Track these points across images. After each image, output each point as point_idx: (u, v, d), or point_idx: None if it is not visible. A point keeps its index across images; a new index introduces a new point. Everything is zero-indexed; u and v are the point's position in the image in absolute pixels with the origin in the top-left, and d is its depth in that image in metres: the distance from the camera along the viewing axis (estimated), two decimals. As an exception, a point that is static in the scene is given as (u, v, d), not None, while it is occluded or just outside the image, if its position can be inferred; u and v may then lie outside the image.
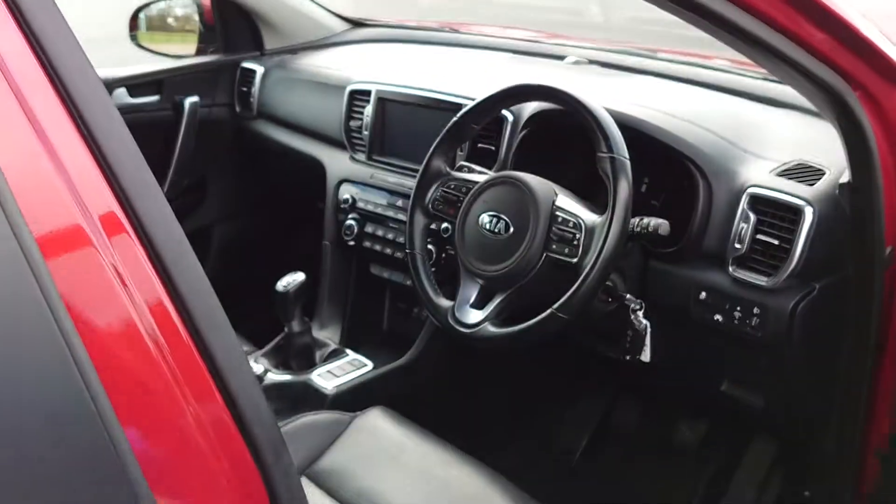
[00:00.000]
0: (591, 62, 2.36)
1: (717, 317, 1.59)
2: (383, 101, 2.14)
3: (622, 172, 1.46)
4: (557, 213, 1.53)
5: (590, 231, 1.48)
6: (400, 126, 2.13)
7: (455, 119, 1.71)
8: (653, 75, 2.19)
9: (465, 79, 2.15)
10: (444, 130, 1.72)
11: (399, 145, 2.14)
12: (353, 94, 2.21)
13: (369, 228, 2.14)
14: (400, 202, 2.09)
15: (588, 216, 1.50)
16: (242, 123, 2.55)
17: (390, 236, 2.10)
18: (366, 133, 2.17)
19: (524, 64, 2.38)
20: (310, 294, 2.05)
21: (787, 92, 1.82)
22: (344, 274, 2.25)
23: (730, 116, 1.78)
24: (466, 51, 2.54)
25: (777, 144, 1.68)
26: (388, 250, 2.11)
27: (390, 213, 2.10)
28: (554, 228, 1.52)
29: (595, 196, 1.62)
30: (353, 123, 2.21)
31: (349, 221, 2.17)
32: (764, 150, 1.65)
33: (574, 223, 1.50)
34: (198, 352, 0.70)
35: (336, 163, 2.27)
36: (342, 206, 2.19)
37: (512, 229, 1.55)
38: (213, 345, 0.70)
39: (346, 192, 2.20)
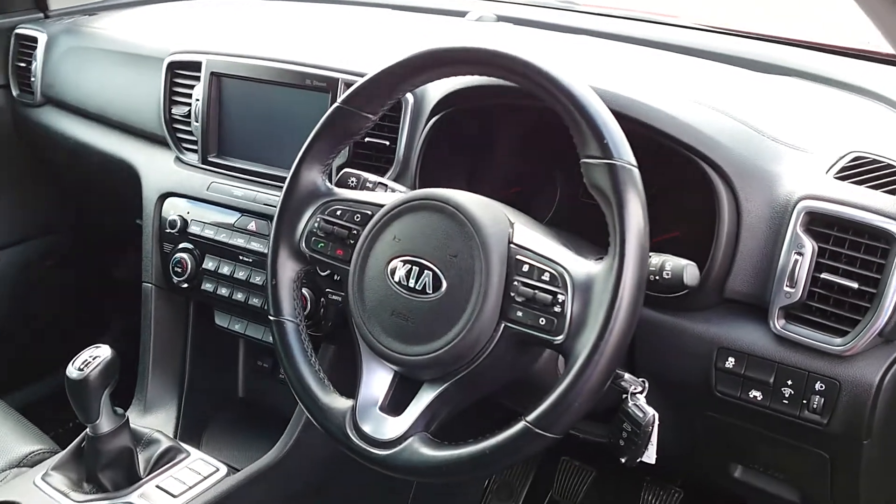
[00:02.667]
0: (502, 19, 1.78)
1: (754, 394, 1.05)
2: (219, 78, 1.47)
3: (630, 187, 0.88)
4: (520, 256, 0.94)
5: (583, 288, 0.89)
6: (247, 114, 1.47)
7: (338, 104, 1.08)
8: (600, 36, 1.63)
9: (340, 43, 1.51)
10: (321, 123, 1.09)
11: (247, 141, 1.48)
12: (175, 67, 1.53)
13: (210, 264, 1.48)
14: (253, 224, 1.44)
15: (575, 263, 0.92)
16: (22, 112, 1.91)
17: (241, 274, 1.45)
18: (196, 125, 1.50)
19: (412, 21, 1.75)
20: (126, 368, 1.37)
21: (807, 62, 1.31)
22: (176, 330, 1.58)
23: (741, 93, 1.23)
24: (332, 7, 1.89)
25: (820, 130, 1.15)
26: (240, 294, 1.46)
27: (239, 242, 1.45)
28: (516, 282, 0.93)
29: (576, 226, 1.05)
30: (176, 111, 1.54)
31: (180, 254, 1.50)
32: (805, 139, 1.11)
33: (552, 274, 0.91)
34: None
35: (156, 168, 1.59)
36: (168, 231, 1.52)
37: (444, 285, 0.95)
38: None
39: (173, 210, 1.53)
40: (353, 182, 1.18)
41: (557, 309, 0.90)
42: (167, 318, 1.57)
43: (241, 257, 1.45)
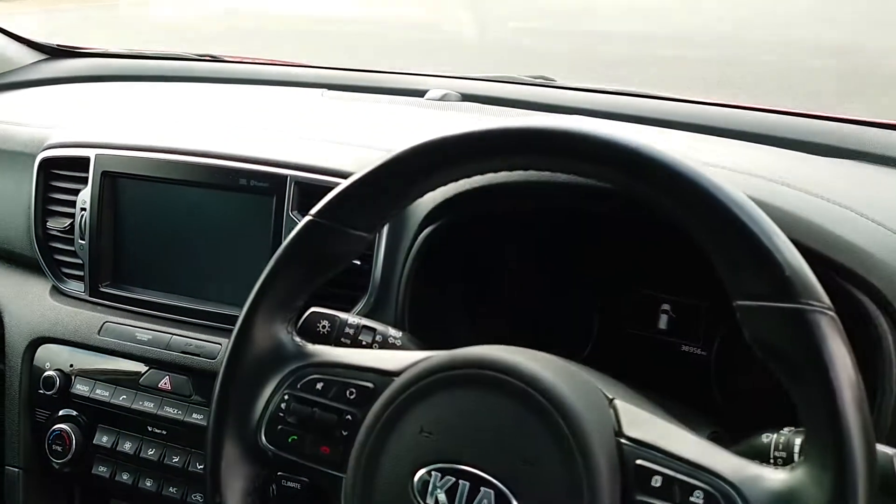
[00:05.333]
0: (467, 98, 1.46)
1: None
2: (114, 179, 1.08)
3: (835, 344, 0.54)
4: (642, 461, 0.57)
5: None
6: (154, 227, 1.08)
7: (313, 216, 0.70)
8: (584, 115, 1.32)
9: (274, 130, 1.15)
10: (285, 246, 0.72)
11: (155, 264, 1.09)
12: (52, 166, 1.13)
13: (104, 438, 1.06)
14: (167, 380, 1.03)
15: (742, 472, 0.56)
16: None
17: (151, 453, 1.03)
18: (82, 243, 1.10)
19: (360, 104, 1.41)
20: None
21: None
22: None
23: (858, 186, 0.93)
24: (249, 88, 1.52)
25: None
26: (149, 482, 1.04)
27: (147, 406, 1.03)
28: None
29: (620, 367, 0.71)
30: (54, 224, 1.13)
31: (60, 425, 1.07)
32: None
33: (708, 495, 0.55)
34: None
35: (24, 303, 1.16)
36: (42, 392, 1.09)
37: (515, 511, 0.58)
38: None
39: (49, 362, 1.10)
40: (323, 328, 0.80)
41: None
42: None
43: (149, 428, 1.03)
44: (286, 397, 0.69)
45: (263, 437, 0.70)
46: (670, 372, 0.94)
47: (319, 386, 0.69)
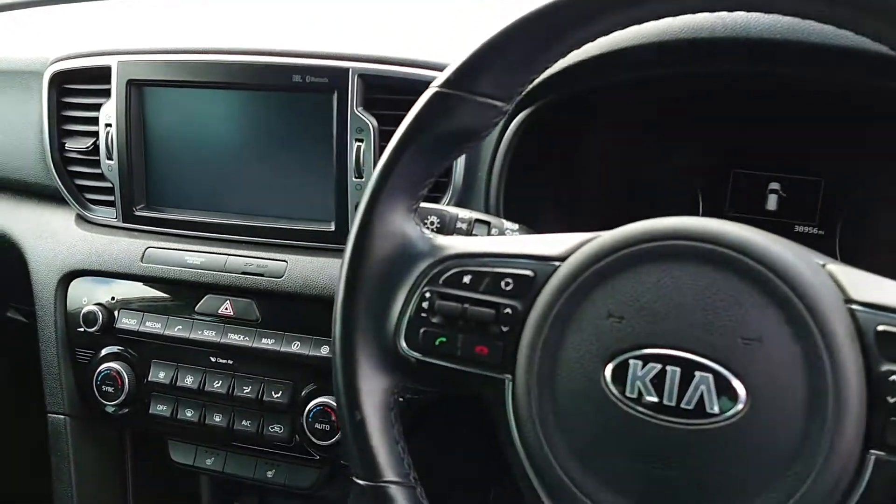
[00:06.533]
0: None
1: None
2: (141, 89, 0.97)
3: None
4: (882, 325, 0.50)
5: None
6: (191, 139, 0.97)
7: (438, 87, 0.60)
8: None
9: (319, 25, 1.04)
10: (409, 122, 0.62)
11: (196, 181, 0.98)
12: (65, 80, 1.01)
13: (161, 373, 0.96)
14: (227, 305, 0.94)
15: None
16: None
17: (217, 385, 0.94)
18: (110, 163, 0.98)
19: None
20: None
21: None
22: (108, 479, 1.04)
23: None
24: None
25: None
26: (218, 416, 0.95)
27: (208, 335, 0.94)
28: (892, 376, 0.49)
29: None
30: (73, 145, 1.01)
31: (108, 364, 0.97)
32: None
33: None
34: None
35: (49, 238, 1.05)
36: (83, 330, 0.98)
37: (744, 398, 0.50)
38: None
39: (87, 297, 0.99)
40: (431, 224, 0.71)
41: None
42: (95, 463, 1.03)
43: (212, 358, 0.94)
44: (427, 295, 0.61)
45: (404, 343, 0.61)
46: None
47: (467, 279, 0.60)
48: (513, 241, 0.62)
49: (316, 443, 0.88)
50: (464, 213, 0.72)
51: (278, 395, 0.91)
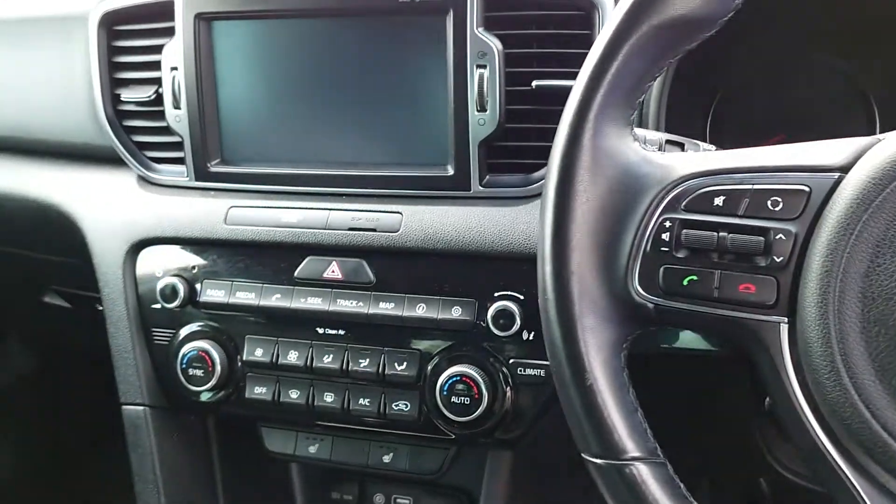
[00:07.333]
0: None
1: None
2: (210, 24, 0.83)
3: None
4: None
5: None
6: (275, 81, 0.83)
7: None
8: None
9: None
10: (619, 21, 0.49)
11: (284, 129, 0.84)
12: (116, 21, 0.88)
13: (258, 350, 0.83)
14: (334, 267, 0.81)
15: None
16: None
17: (328, 359, 0.81)
18: (178, 113, 0.84)
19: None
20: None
21: None
22: (195, 474, 0.92)
23: None
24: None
25: None
26: (329, 396, 0.82)
27: (314, 304, 0.81)
28: None
29: None
30: (129, 96, 0.88)
31: (195, 344, 0.84)
32: None
33: None
34: None
35: (107, 205, 0.91)
36: (159, 307, 0.85)
37: None
38: None
39: (161, 269, 0.86)
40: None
41: None
42: (180, 458, 0.91)
43: (319, 330, 0.82)
44: (667, 225, 0.49)
45: (638, 286, 0.49)
46: None
47: (719, 200, 0.48)
48: (769, 151, 0.50)
49: (455, 419, 0.76)
50: (652, 136, 0.60)
51: (402, 367, 0.79)
